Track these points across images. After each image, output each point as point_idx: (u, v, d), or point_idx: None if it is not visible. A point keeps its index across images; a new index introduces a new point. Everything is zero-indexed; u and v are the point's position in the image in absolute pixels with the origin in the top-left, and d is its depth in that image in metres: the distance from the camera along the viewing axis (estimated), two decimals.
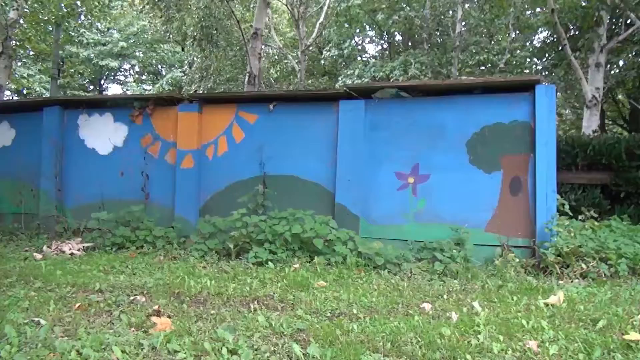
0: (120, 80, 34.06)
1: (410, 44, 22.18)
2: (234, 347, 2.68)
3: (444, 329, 3.01)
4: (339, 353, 2.64)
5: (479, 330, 3.03)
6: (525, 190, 5.45)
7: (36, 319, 3.13)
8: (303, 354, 2.62)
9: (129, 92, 30.08)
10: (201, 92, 17.83)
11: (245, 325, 3.10)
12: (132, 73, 33.85)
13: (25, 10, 13.80)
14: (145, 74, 33.15)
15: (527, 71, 19.57)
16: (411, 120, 5.89)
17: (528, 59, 19.58)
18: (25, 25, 14.45)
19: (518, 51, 18.53)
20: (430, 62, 17.64)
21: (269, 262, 5.12)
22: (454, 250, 5.17)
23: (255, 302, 3.69)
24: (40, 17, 14.39)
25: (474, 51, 18.10)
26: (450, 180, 5.70)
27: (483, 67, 19.03)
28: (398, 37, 23.80)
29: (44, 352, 2.56)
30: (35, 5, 14.02)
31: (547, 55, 18.76)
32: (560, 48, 15.17)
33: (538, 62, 19.83)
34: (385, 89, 5.92)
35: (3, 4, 11.79)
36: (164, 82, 26.22)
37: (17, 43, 14.46)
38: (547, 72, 17.98)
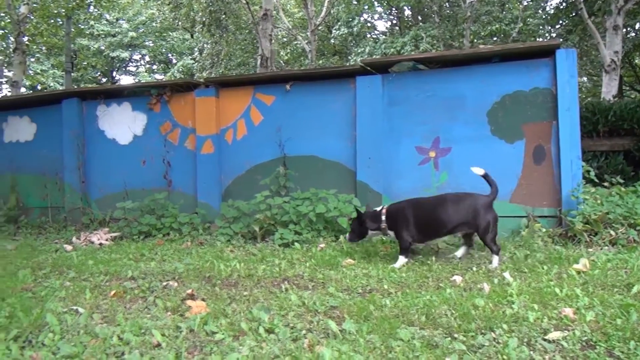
0: (131, 71, 34.24)
1: (420, 17, 21.89)
2: (270, 326, 2.71)
3: (478, 300, 3.01)
4: (375, 327, 2.66)
5: (513, 300, 3.03)
6: (549, 158, 5.38)
7: (74, 308, 3.18)
8: (339, 330, 2.64)
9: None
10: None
11: (278, 304, 3.13)
12: (143, 63, 33.97)
13: (35, 5, 13.85)
14: (156, 63, 33.25)
15: (541, 39, 19.20)
16: (430, 93, 5.83)
17: (541, 27, 19.19)
18: (35, 20, 14.52)
19: (530, 19, 18.17)
20: (441, 35, 17.41)
21: (295, 243, 5.15)
22: None
23: (286, 282, 3.72)
24: (51, 10, 14.43)
25: (485, 21, 17.82)
26: (472, 152, 5.63)
27: (496, 38, 18.73)
28: (407, 12, 23.50)
29: (87, 339, 2.61)
30: None
31: (560, 21, 18.38)
32: (574, 13, 14.87)
33: (552, 29, 19.44)
34: (402, 62, 5.84)
35: None
36: (175, 71, 26.31)
37: (30, 38, 14.55)
38: (561, 39, 17.60)
